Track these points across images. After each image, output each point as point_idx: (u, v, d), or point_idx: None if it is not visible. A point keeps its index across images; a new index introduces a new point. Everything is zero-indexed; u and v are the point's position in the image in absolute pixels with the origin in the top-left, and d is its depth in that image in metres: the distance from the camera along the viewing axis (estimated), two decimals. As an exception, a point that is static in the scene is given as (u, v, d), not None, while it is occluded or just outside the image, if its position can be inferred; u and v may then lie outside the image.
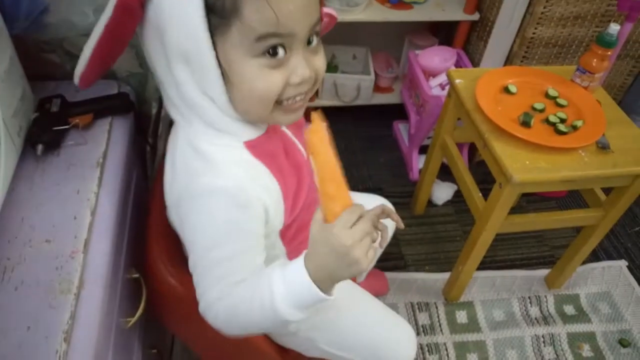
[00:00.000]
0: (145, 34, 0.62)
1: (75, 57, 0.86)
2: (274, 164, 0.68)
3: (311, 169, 0.79)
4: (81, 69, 0.65)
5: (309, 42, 0.61)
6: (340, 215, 0.57)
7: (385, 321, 0.96)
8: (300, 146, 0.76)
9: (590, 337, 1.45)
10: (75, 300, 0.62)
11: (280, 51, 0.57)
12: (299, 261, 0.59)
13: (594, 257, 1.64)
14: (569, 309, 1.51)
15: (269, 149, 0.68)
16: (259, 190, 0.65)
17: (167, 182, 0.69)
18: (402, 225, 0.76)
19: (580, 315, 1.50)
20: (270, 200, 0.66)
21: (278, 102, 0.62)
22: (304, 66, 0.60)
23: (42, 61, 0.85)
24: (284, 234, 0.75)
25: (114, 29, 0.60)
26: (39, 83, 0.83)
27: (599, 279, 1.59)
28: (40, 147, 0.75)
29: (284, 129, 0.74)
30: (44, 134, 0.76)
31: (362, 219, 0.58)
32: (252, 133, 0.66)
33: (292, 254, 0.78)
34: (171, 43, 0.58)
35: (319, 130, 0.60)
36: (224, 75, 0.58)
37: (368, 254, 0.57)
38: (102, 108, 0.83)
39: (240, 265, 0.64)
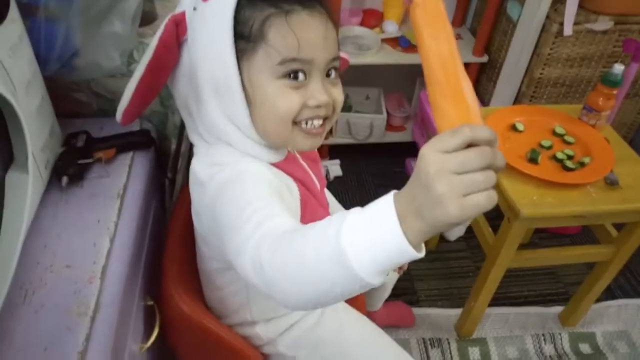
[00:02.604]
0: (176, 74, 0.69)
1: (101, 97, 0.93)
2: (293, 177, 0.72)
3: (326, 203, 0.83)
4: (124, 106, 0.71)
5: (328, 75, 0.67)
6: (442, 132, 0.43)
7: (392, 356, 0.95)
8: (315, 179, 0.79)
9: (607, 378, 1.42)
10: (91, 322, 0.64)
11: (301, 75, 0.63)
12: (390, 196, 0.45)
13: (610, 294, 1.61)
14: (585, 348, 1.49)
15: (288, 171, 0.72)
16: (279, 180, 0.68)
17: (194, 204, 0.73)
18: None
19: (597, 355, 1.47)
20: (291, 197, 0.69)
21: (296, 123, 0.66)
22: (322, 91, 0.65)
23: (70, 100, 0.91)
24: None
25: (154, 67, 0.67)
26: (66, 120, 0.89)
27: (615, 317, 1.57)
28: (65, 179, 0.80)
29: (301, 161, 0.77)
30: (70, 167, 0.81)
31: (470, 149, 0.41)
32: (272, 157, 0.70)
33: None
34: (202, 74, 0.64)
35: (426, 1, 0.46)
36: (247, 98, 0.63)
37: (467, 199, 0.40)
38: (124, 143, 0.88)
39: (276, 208, 0.57)
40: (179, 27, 0.66)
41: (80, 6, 0.74)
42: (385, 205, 0.44)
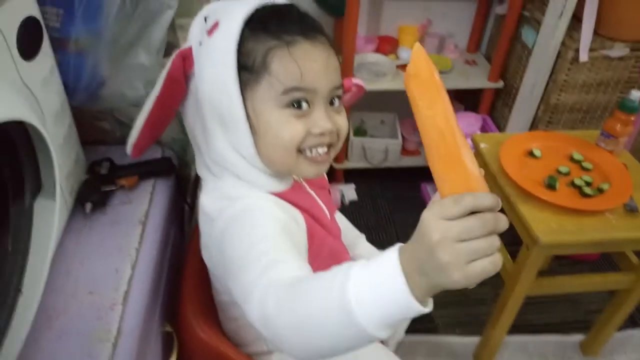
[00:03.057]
0: (186, 105, 0.71)
1: (124, 125, 0.95)
2: (300, 207, 0.72)
3: (336, 230, 0.81)
4: (134, 139, 0.74)
5: (332, 103, 0.68)
6: (445, 197, 0.43)
7: None
8: (324, 207, 0.79)
9: (632, 410, 1.38)
10: (112, 349, 0.65)
11: (304, 104, 0.64)
12: (393, 247, 0.46)
13: (632, 322, 1.58)
14: (607, 378, 1.45)
15: (293, 201, 0.72)
16: (286, 215, 0.68)
17: (202, 240, 0.74)
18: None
19: (620, 385, 1.43)
20: (298, 229, 0.69)
21: (300, 151, 0.67)
22: (325, 119, 0.66)
23: (94, 128, 0.94)
24: None
25: (162, 101, 0.69)
26: (90, 147, 0.91)
27: (638, 347, 1.53)
28: (89, 206, 0.81)
29: (309, 190, 0.78)
30: (93, 194, 0.83)
31: (473, 217, 0.41)
32: (278, 186, 0.71)
33: None
34: (208, 105, 0.66)
35: (420, 72, 0.45)
36: (252, 128, 0.65)
37: (471, 266, 0.41)
38: (146, 171, 0.90)
39: (283, 251, 0.57)
40: (186, 62, 0.68)
41: (109, 39, 0.77)
42: (391, 261, 0.44)
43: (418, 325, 1.53)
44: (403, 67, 1.83)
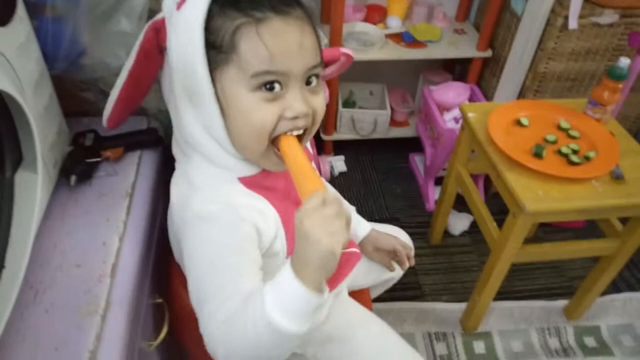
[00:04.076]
0: (162, 78, 0.69)
1: (108, 95, 0.93)
2: (268, 195, 0.70)
3: None
4: (108, 112, 0.72)
5: (308, 82, 0.64)
6: (315, 195, 0.55)
7: (398, 353, 0.96)
8: None
9: (613, 371, 1.42)
10: (101, 321, 0.65)
11: (277, 86, 0.61)
12: (287, 262, 0.56)
13: (615, 288, 1.62)
14: (590, 341, 1.49)
15: (265, 185, 0.70)
16: (251, 211, 0.66)
17: (169, 220, 0.74)
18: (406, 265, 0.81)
19: (602, 348, 1.47)
20: (266, 223, 0.68)
21: (273, 142, 0.64)
22: (300, 102, 0.62)
23: (77, 99, 0.91)
24: None
25: (136, 74, 0.67)
26: (74, 119, 0.89)
27: (620, 311, 1.57)
28: (73, 178, 0.80)
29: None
30: (78, 166, 0.81)
31: (324, 204, 0.54)
32: (248, 170, 0.69)
33: None
34: (178, 83, 0.63)
35: (288, 139, 0.63)
36: (222, 110, 0.62)
37: (333, 234, 0.53)
38: (132, 142, 0.88)
39: (235, 289, 0.60)
40: (159, 33, 0.65)
41: (87, 4, 0.74)
42: (285, 270, 0.55)
43: (405, 293, 1.56)
44: (392, 36, 1.81)
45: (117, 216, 0.78)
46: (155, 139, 0.90)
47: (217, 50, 0.60)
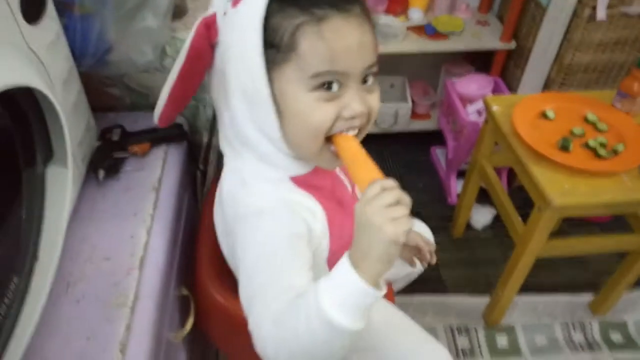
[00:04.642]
0: (212, 76, 0.67)
1: (134, 91, 0.95)
2: (317, 194, 0.70)
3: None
4: (160, 109, 0.71)
5: (364, 81, 0.62)
6: (374, 183, 0.54)
7: (423, 346, 0.96)
8: (347, 183, 0.78)
9: (640, 368, 1.40)
10: (131, 313, 0.67)
11: (335, 86, 0.59)
12: (344, 256, 0.54)
13: (642, 283, 1.59)
14: (616, 337, 1.47)
15: (314, 183, 0.70)
16: (303, 211, 0.66)
17: (217, 214, 0.74)
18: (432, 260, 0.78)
19: (629, 343, 1.45)
20: (315, 222, 0.67)
21: (328, 139, 0.63)
22: (358, 102, 0.61)
23: (104, 95, 0.93)
24: (331, 261, 0.75)
25: (186, 72, 0.66)
26: (101, 114, 0.91)
27: (648, 306, 1.54)
28: (102, 173, 0.82)
29: (338, 172, 0.76)
30: (106, 160, 0.83)
31: (384, 192, 0.53)
32: (300, 169, 0.68)
33: None
34: (231, 80, 0.62)
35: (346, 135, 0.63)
36: (279, 110, 0.61)
37: (395, 222, 0.51)
38: (158, 137, 0.89)
39: (286, 286, 0.58)
40: (210, 30, 0.64)
41: (114, 2, 0.75)
42: (343, 263, 0.53)
43: (427, 285, 1.55)
44: (414, 28, 1.79)
45: (144, 210, 0.79)
46: (181, 134, 0.91)
47: (275, 49, 0.58)
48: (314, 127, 0.61)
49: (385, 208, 0.51)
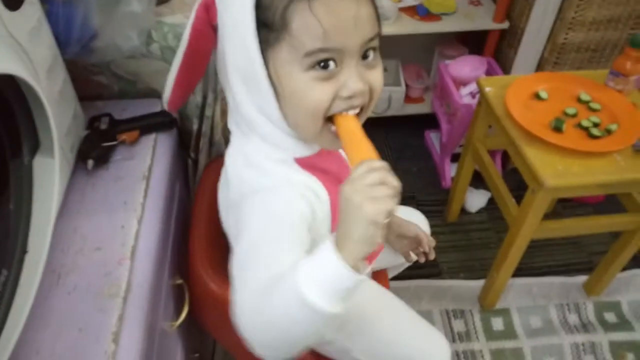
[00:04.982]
0: (216, 57, 0.66)
1: (122, 79, 0.93)
2: (322, 177, 0.69)
3: None
4: (168, 95, 0.69)
5: (365, 57, 0.60)
6: (357, 167, 0.54)
7: (420, 332, 0.96)
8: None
9: (633, 346, 1.41)
10: (123, 304, 0.66)
11: (331, 64, 0.57)
12: (326, 242, 0.53)
13: (636, 263, 1.59)
14: (610, 317, 1.48)
15: (321, 166, 0.69)
16: (307, 191, 0.65)
17: (221, 191, 0.73)
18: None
19: (623, 324, 1.46)
20: (319, 205, 0.67)
21: (329, 119, 0.61)
22: (356, 80, 0.58)
23: (91, 82, 0.91)
24: None
25: (191, 55, 0.64)
26: (88, 103, 0.89)
27: (641, 286, 1.55)
28: (90, 162, 0.80)
29: (341, 152, 0.75)
30: (94, 150, 0.81)
31: (369, 172, 0.52)
32: (304, 150, 0.67)
33: None
34: (229, 61, 0.61)
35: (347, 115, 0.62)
36: (276, 91, 0.60)
37: (377, 201, 0.50)
38: (147, 125, 0.88)
39: (274, 261, 0.57)
40: (209, 12, 0.62)
41: (97, -13, 0.73)
42: (324, 243, 0.52)
43: (422, 270, 1.56)
44: (406, 9, 1.77)
45: (134, 199, 0.78)
46: (170, 122, 0.90)
47: (268, 28, 0.56)
48: (311, 107, 0.59)
49: (368, 187, 0.51)
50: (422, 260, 1.02)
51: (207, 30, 0.63)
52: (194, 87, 0.73)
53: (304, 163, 0.67)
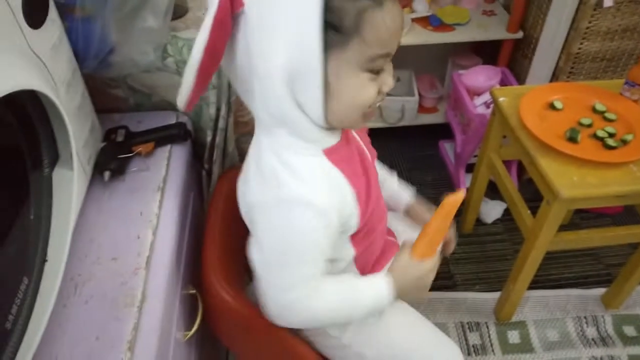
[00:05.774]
0: (232, 49, 0.63)
1: (138, 92, 0.95)
2: (348, 169, 0.71)
3: (376, 173, 0.84)
4: (186, 95, 0.65)
5: None
6: (429, 261, 0.77)
7: (434, 341, 0.96)
8: (366, 149, 0.80)
9: (654, 360, 1.38)
10: (138, 313, 0.67)
11: (380, 66, 0.63)
12: (386, 279, 0.76)
13: (655, 275, 1.57)
14: (630, 330, 1.45)
15: (345, 154, 0.72)
16: (337, 199, 0.69)
17: (251, 182, 0.72)
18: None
19: (642, 337, 1.43)
20: (346, 206, 0.70)
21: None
22: (391, 78, 0.66)
23: (108, 96, 0.94)
24: (354, 237, 0.78)
25: (211, 47, 0.60)
26: (105, 115, 0.91)
27: (662, 299, 1.52)
28: (107, 174, 0.82)
29: (354, 133, 0.78)
30: (111, 161, 0.83)
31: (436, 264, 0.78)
32: (331, 140, 0.70)
33: (360, 257, 0.82)
34: (273, 55, 0.59)
35: (457, 202, 0.77)
36: (327, 89, 0.61)
37: (428, 286, 0.79)
38: (162, 137, 0.89)
39: (310, 275, 0.71)
40: (234, 1, 0.58)
41: (114, 3, 0.75)
42: (387, 287, 0.76)
43: (437, 282, 1.54)
44: (418, 20, 1.78)
45: (150, 210, 0.80)
46: (185, 133, 0.92)
47: (334, 30, 0.58)
48: (362, 104, 0.64)
49: (428, 281, 0.78)
50: (446, 253, 1.04)
51: (228, 20, 0.59)
52: (208, 83, 0.71)
53: (331, 154, 0.70)
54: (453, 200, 0.76)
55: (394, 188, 1.01)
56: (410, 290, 0.77)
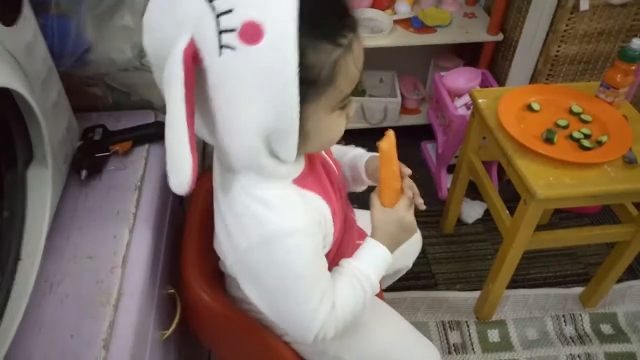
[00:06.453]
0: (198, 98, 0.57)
1: (116, 91, 0.94)
2: (320, 188, 0.72)
3: (342, 182, 0.86)
4: (188, 176, 0.55)
5: None
6: (399, 203, 0.79)
7: (412, 343, 0.96)
8: (330, 161, 0.81)
9: (629, 358, 1.41)
10: (114, 311, 0.67)
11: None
12: (374, 242, 0.78)
13: (631, 274, 1.60)
14: (606, 328, 1.48)
15: (314, 177, 0.72)
16: (316, 215, 0.70)
17: (231, 233, 0.68)
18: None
19: (619, 335, 1.46)
20: (325, 222, 0.72)
21: None
22: (354, 101, 0.67)
23: (85, 94, 0.93)
24: (331, 250, 0.78)
25: (190, 108, 0.54)
26: (82, 114, 0.91)
27: (637, 297, 1.55)
28: (84, 173, 0.81)
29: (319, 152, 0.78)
30: (88, 160, 0.82)
31: (406, 202, 0.80)
32: (299, 169, 0.69)
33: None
34: (242, 115, 0.56)
35: (391, 142, 0.79)
36: (302, 134, 0.60)
37: (413, 222, 0.80)
38: (140, 136, 0.89)
39: (326, 288, 0.71)
40: (196, 60, 0.54)
41: (90, 1, 0.75)
42: (379, 247, 0.79)
43: (418, 282, 1.56)
44: (400, 22, 1.79)
45: (126, 209, 0.79)
46: (163, 132, 0.91)
47: (309, 85, 0.56)
48: (336, 138, 0.67)
49: (408, 221, 0.80)
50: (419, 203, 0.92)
51: (193, 77, 0.54)
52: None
53: (300, 181, 0.69)
54: (386, 144, 0.78)
55: (354, 154, 1.00)
56: (399, 234, 0.79)
